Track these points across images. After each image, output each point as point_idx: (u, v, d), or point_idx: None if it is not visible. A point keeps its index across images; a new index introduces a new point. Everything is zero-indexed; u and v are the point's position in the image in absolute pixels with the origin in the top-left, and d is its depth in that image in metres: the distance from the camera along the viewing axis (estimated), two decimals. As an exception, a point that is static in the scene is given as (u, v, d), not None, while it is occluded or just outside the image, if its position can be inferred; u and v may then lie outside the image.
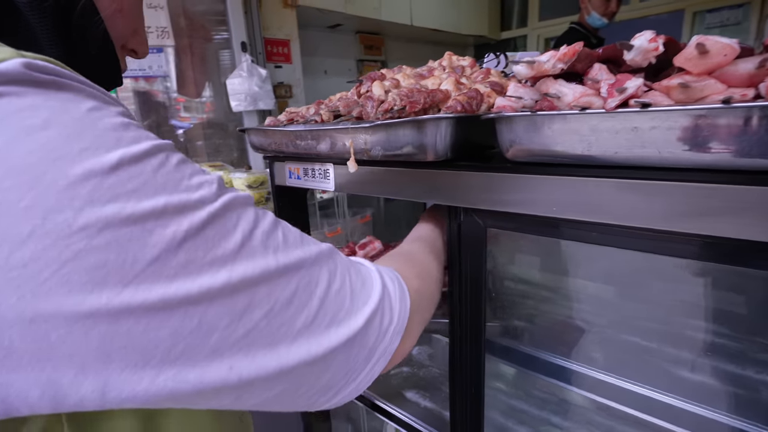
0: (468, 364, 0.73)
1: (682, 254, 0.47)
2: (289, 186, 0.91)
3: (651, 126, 0.41)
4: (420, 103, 0.61)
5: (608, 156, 0.45)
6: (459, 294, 0.69)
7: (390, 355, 0.39)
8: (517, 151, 0.52)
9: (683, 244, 0.46)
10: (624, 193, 0.46)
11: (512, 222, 0.60)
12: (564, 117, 0.45)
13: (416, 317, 0.44)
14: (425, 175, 0.65)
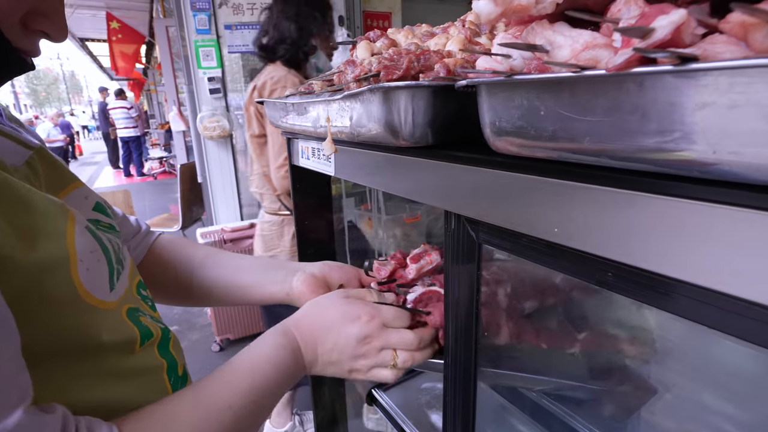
0: (459, 408, 0.56)
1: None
2: (303, 167, 0.81)
3: (698, 102, 0.21)
4: (401, 68, 0.45)
5: (616, 152, 0.25)
6: (447, 325, 0.53)
7: None
8: (497, 138, 0.34)
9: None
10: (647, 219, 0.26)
11: (507, 241, 0.42)
12: (528, 85, 0.27)
13: None
14: (404, 165, 0.49)
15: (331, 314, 0.53)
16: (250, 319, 2.54)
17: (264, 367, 0.46)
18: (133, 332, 0.44)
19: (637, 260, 0.29)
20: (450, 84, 0.40)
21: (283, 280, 0.64)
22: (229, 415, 0.41)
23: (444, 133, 0.44)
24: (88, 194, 0.50)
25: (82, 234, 0.40)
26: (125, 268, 0.48)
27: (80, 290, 0.38)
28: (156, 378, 0.47)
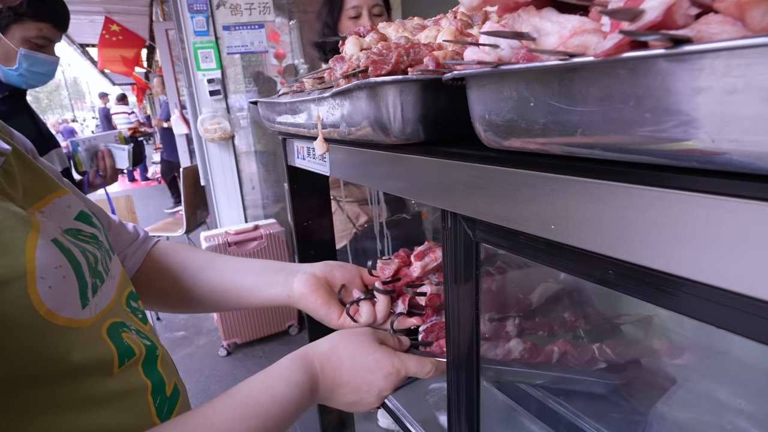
0: (463, 408, 0.55)
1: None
2: (300, 167, 0.80)
3: (694, 87, 0.20)
4: (390, 63, 0.44)
5: (595, 141, 0.24)
6: (447, 327, 0.52)
7: None
8: (487, 132, 0.33)
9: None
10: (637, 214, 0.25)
11: (504, 239, 0.40)
12: (515, 75, 0.25)
13: None
14: (397, 163, 0.48)
15: (361, 361, 0.52)
16: (256, 322, 2.54)
17: (281, 404, 0.44)
18: (109, 351, 0.41)
19: (636, 257, 0.28)
20: (439, 78, 0.39)
21: (284, 282, 0.62)
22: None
23: (436, 129, 0.43)
24: (71, 203, 0.48)
25: (46, 248, 0.37)
26: (110, 280, 0.46)
27: (41, 310, 0.35)
28: (138, 401, 0.43)
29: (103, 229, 0.51)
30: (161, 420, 0.44)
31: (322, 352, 0.52)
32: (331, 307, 0.60)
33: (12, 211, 0.37)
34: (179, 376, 0.53)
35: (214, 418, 0.40)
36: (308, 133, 0.61)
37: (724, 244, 0.22)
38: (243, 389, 0.44)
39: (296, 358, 0.50)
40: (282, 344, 2.59)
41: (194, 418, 0.40)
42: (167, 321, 3.00)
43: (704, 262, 0.24)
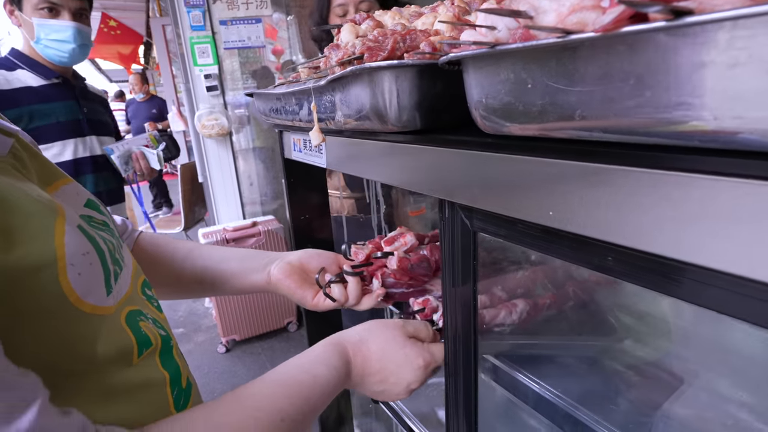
0: (461, 399, 0.55)
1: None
2: (296, 160, 0.79)
3: (696, 62, 0.19)
4: (386, 49, 0.43)
5: (604, 124, 0.23)
6: (446, 319, 0.51)
7: None
8: (485, 117, 0.32)
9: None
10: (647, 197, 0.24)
11: (502, 228, 0.40)
12: (512, 55, 0.25)
13: None
14: (393, 152, 0.47)
15: (392, 353, 0.53)
16: (255, 319, 2.54)
17: (320, 386, 0.46)
18: (129, 340, 0.41)
19: (636, 242, 0.27)
20: (436, 64, 0.38)
21: (262, 269, 0.66)
22: (282, 427, 0.40)
23: (433, 116, 0.42)
24: (79, 190, 0.47)
25: (74, 234, 0.37)
26: (125, 268, 0.45)
27: (71, 297, 0.35)
28: (158, 393, 0.43)
29: (110, 216, 0.51)
30: (178, 412, 0.44)
31: (354, 342, 0.53)
32: (305, 290, 0.64)
33: (37, 195, 0.36)
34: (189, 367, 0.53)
35: (263, 395, 0.42)
36: (304, 124, 0.61)
37: (725, 226, 0.22)
38: (284, 371, 0.46)
39: (330, 344, 0.51)
40: (281, 341, 2.58)
41: (244, 394, 0.41)
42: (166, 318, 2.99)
43: (706, 245, 0.23)
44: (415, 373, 0.53)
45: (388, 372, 0.53)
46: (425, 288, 0.71)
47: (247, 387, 0.43)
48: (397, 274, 0.66)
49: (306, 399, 0.43)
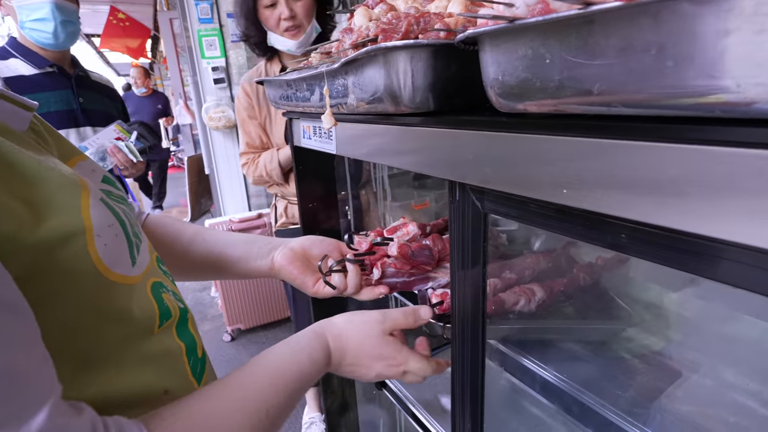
0: (467, 384, 0.55)
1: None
2: (306, 147, 0.80)
3: (720, 29, 0.19)
4: (400, 31, 0.43)
5: (639, 98, 0.23)
6: (453, 301, 0.51)
7: None
8: (501, 94, 0.32)
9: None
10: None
11: (514, 208, 0.40)
12: (532, 30, 0.25)
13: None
14: (405, 135, 0.47)
15: (369, 351, 0.56)
16: (260, 309, 2.55)
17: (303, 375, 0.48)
18: (153, 311, 0.43)
19: (654, 217, 0.27)
20: (451, 44, 0.38)
21: (266, 255, 0.67)
22: (266, 420, 0.42)
23: (447, 97, 0.42)
24: (95, 167, 0.48)
25: (98, 207, 0.38)
26: (143, 242, 0.46)
27: (100, 266, 0.36)
28: (177, 362, 0.45)
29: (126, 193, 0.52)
30: (196, 379, 0.47)
31: (335, 335, 0.55)
32: (307, 276, 0.65)
33: (61, 169, 0.37)
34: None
35: (250, 383, 0.43)
36: (315, 109, 0.61)
37: (747, 198, 0.22)
38: (272, 360, 0.47)
39: (315, 334, 0.53)
40: (284, 331, 2.60)
41: (231, 382, 0.43)
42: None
43: (728, 219, 0.23)
44: (387, 369, 0.56)
45: (362, 364, 0.55)
46: (428, 276, 0.71)
47: (238, 376, 0.44)
48: (397, 263, 0.66)
49: (290, 391, 0.45)
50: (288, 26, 1.25)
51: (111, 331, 0.38)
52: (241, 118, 1.41)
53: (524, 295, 0.72)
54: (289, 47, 1.29)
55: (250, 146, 1.42)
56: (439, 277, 0.71)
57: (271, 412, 0.42)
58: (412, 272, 0.69)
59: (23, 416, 0.27)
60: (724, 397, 0.64)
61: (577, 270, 0.76)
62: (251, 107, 1.37)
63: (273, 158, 1.36)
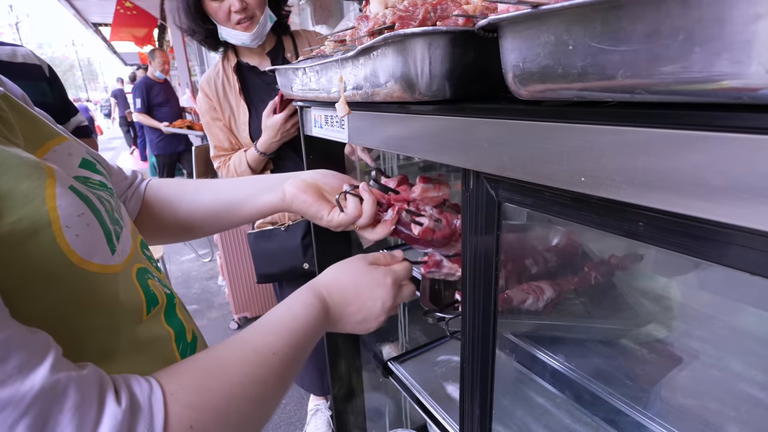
0: (478, 373, 0.56)
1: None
2: (316, 136, 0.80)
3: (751, 14, 0.19)
4: (417, 19, 0.43)
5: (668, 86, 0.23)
6: (466, 290, 0.52)
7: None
8: (520, 81, 0.32)
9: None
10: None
11: (529, 197, 0.40)
12: (555, 16, 0.25)
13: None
14: (419, 123, 0.47)
15: (361, 278, 0.57)
16: (266, 298, 2.58)
17: (301, 322, 0.48)
18: (139, 298, 0.42)
19: (673, 205, 0.27)
20: (469, 31, 0.38)
21: (276, 187, 0.66)
22: (274, 360, 0.42)
23: (463, 85, 0.42)
24: (72, 150, 0.45)
25: (66, 196, 0.36)
26: (125, 227, 0.45)
27: (74, 258, 0.35)
28: (165, 348, 0.45)
29: (109, 175, 0.50)
30: None
31: (326, 282, 0.56)
32: (321, 204, 0.64)
33: (24, 157, 0.35)
34: (195, 323, 0.55)
35: (253, 335, 0.44)
36: (327, 98, 0.61)
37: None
38: (266, 317, 0.48)
39: (304, 288, 0.54)
40: (291, 321, 2.63)
41: (237, 338, 0.43)
42: (180, 295, 3.02)
43: (747, 205, 0.23)
44: (387, 291, 0.57)
45: (365, 297, 0.56)
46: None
47: (238, 334, 0.44)
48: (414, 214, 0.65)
49: (290, 331, 0.46)
50: (240, 18, 1.15)
51: (98, 322, 0.37)
52: (205, 121, 1.34)
53: (533, 293, 0.72)
54: (243, 40, 1.20)
55: (220, 149, 1.36)
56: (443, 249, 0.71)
57: (278, 353, 0.43)
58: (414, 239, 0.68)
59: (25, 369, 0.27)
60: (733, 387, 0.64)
61: (589, 269, 0.77)
62: (213, 109, 1.31)
63: (241, 161, 1.30)
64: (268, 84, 1.30)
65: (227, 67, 1.29)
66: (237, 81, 1.28)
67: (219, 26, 1.20)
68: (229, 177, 1.34)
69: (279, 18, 1.26)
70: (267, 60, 1.31)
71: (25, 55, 1.23)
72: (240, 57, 1.31)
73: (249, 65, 1.31)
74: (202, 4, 1.16)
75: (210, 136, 1.36)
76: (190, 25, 1.19)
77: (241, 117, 1.30)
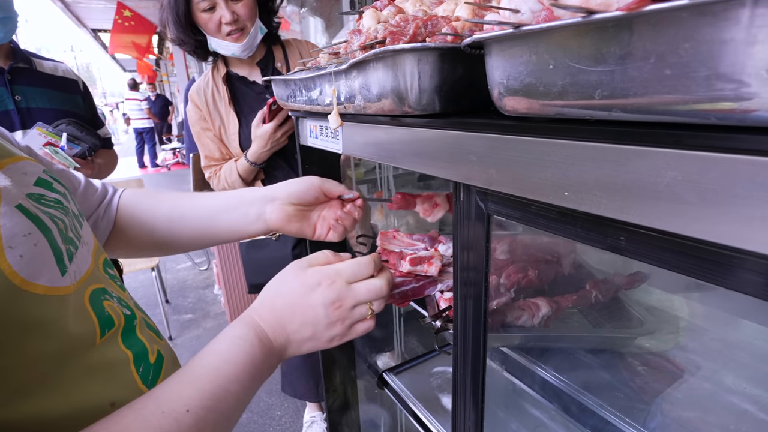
0: (469, 383, 0.56)
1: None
2: (312, 146, 0.81)
3: (720, 38, 0.20)
4: (408, 34, 0.44)
5: (637, 103, 0.24)
6: (457, 302, 0.52)
7: None
8: (505, 98, 0.33)
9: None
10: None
11: (517, 210, 0.41)
12: (536, 36, 0.26)
13: None
14: (411, 136, 0.48)
15: (289, 290, 0.49)
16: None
17: (229, 362, 0.41)
18: (91, 322, 0.40)
19: (649, 220, 0.28)
20: (457, 47, 0.39)
21: (257, 219, 0.65)
22: (188, 419, 0.35)
23: (452, 99, 0.43)
24: (28, 170, 0.43)
25: (11, 215, 0.35)
26: (83, 246, 0.44)
27: (15, 280, 0.33)
28: (123, 371, 0.42)
29: (69, 194, 0.48)
30: (148, 387, 0.43)
31: (256, 306, 0.50)
32: (304, 226, 0.66)
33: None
34: (164, 341, 0.52)
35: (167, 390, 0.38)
36: (322, 109, 0.62)
37: (743, 203, 0.23)
38: (188, 363, 0.41)
39: (235, 322, 0.47)
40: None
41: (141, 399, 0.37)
42: (175, 305, 3.04)
43: (720, 222, 0.24)
44: (324, 293, 0.48)
45: (299, 308, 0.48)
46: (435, 279, 0.72)
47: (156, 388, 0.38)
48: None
49: (213, 378, 0.39)
50: (230, 30, 1.17)
51: (42, 348, 0.35)
52: (195, 131, 1.34)
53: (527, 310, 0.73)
54: (234, 51, 1.21)
55: (210, 159, 1.36)
56: (446, 280, 0.72)
57: (193, 410, 0.36)
58: (419, 278, 0.69)
59: None
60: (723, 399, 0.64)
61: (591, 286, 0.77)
62: (203, 119, 1.32)
63: (232, 171, 1.31)
64: (257, 94, 1.31)
65: (217, 77, 1.30)
66: (227, 91, 1.29)
67: (209, 37, 1.21)
68: (220, 187, 1.35)
69: (269, 29, 1.28)
70: (257, 70, 1.32)
71: (64, 70, 1.37)
72: (230, 67, 1.32)
73: (239, 75, 1.32)
74: (192, 16, 1.17)
75: (200, 146, 1.36)
76: (180, 35, 1.20)
77: (231, 127, 1.31)
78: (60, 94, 1.33)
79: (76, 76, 1.40)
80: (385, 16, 0.51)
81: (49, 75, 1.32)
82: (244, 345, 0.43)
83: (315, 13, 2.82)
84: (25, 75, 1.26)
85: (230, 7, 1.14)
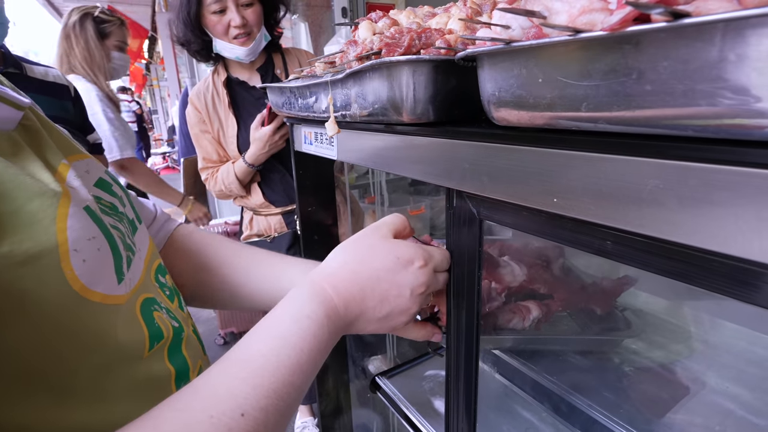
0: (462, 386, 0.57)
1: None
2: (306, 152, 0.82)
3: (694, 59, 0.21)
4: (403, 46, 0.45)
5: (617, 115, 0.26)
6: (450, 306, 0.54)
7: None
8: (497, 109, 0.34)
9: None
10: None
11: (508, 215, 0.42)
12: (526, 52, 0.27)
13: None
14: (405, 143, 0.49)
15: (378, 259, 0.43)
16: (253, 313, 2.56)
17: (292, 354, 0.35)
18: (142, 333, 0.38)
19: (634, 225, 0.29)
20: (451, 60, 0.41)
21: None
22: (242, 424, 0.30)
23: (446, 109, 0.44)
24: (90, 168, 0.42)
25: (79, 217, 0.33)
26: (138, 252, 0.42)
27: (76, 286, 0.32)
28: (164, 389, 0.39)
29: (127, 197, 0.47)
30: None
31: (329, 272, 0.43)
32: None
33: (38, 176, 0.33)
34: (206, 355, 0.50)
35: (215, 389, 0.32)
36: (317, 116, 0.63)
37: (722, 209, 0.24)
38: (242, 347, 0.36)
39: (301, 289, 0.41)
40: (279, 336, 2.61)
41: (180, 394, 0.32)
42: (164, 310, 3.02)
43: (699, 227, 0.26)
44: (416, 274, 0.44)
45: (386, 284, 0.43)
46: None
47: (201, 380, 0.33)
48: None
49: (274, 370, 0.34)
50: (238, 33, 1.21)
51: (92, 358, 0.33)
52: (194, 133, 1.38)
53: (518, 313, 0.74)
54: (238, 55, 1.25)
55: (208, 161, 1.39)
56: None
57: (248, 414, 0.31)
58: None
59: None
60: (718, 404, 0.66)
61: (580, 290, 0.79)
62: (202, 121, 1.35)
63: (229, 172, 1.34)
64: (256, 98, 1.33)
65: (217, 81, 1.33)
66: (226, 95, 1.32)
67: (215, 39, 1.25)
68: (216, 188, 1.38)
69: (272, 37, 1.32)
70: (257, 75, 1.35)
71: (55, 75, 1.40)
72: (230, 72, 1.35)
73: (238, 80, 1.34)
74: (200, 17, 1.21)
75: (198, 148, 1.39)
76: (187, 35, 1.23)
77: (229, 130, 1.33)
78: (50, 99, 1.35)
79: (67, 81, 1.42)
80: (380, 28, 0.53)
81: (40, 80, 1.33)
82: (312, 327, 0.37)
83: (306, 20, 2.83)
84: (16, 80, 1.23)
85: (240, 11, 1.19)
